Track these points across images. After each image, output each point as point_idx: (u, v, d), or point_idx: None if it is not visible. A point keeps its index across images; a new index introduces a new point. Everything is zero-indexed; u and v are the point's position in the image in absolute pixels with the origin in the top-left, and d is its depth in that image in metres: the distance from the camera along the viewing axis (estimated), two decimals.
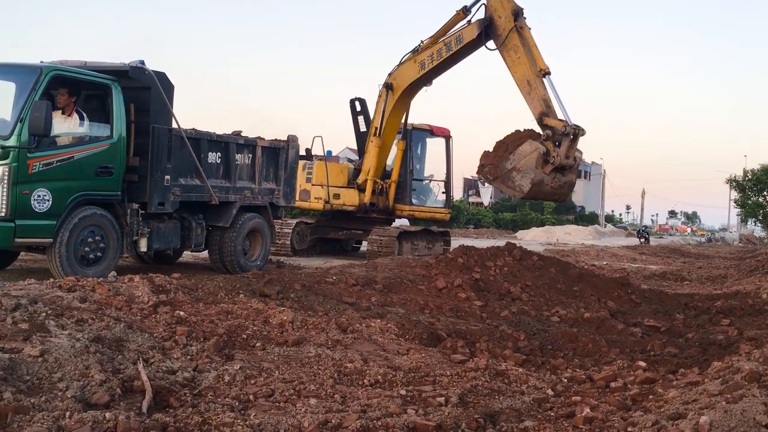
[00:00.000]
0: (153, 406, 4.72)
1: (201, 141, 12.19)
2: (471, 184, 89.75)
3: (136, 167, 11.04)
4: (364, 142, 19.53)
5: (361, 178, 19.50)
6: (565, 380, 6.40)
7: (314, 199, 18.96)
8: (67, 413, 4.26)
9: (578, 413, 4.93)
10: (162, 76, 11.33)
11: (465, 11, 16.35)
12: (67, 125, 10.41)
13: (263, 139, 13.76)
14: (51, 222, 9.80)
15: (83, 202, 10.27)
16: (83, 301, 6.66)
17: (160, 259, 13.78)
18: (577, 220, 78.96)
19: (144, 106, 11.08)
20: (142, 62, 11.19)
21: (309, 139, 20.58)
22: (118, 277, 8.18)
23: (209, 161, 12.42)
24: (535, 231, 55.28)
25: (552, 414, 5.18)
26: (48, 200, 9.72)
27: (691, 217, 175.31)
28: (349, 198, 19.42)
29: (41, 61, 10.62)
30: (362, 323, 7.76)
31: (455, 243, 18.90)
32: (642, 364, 6.94)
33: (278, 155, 14.10)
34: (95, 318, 6.19)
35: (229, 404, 4.84)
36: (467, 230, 53.11)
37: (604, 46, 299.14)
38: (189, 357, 5.85)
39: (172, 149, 11.42)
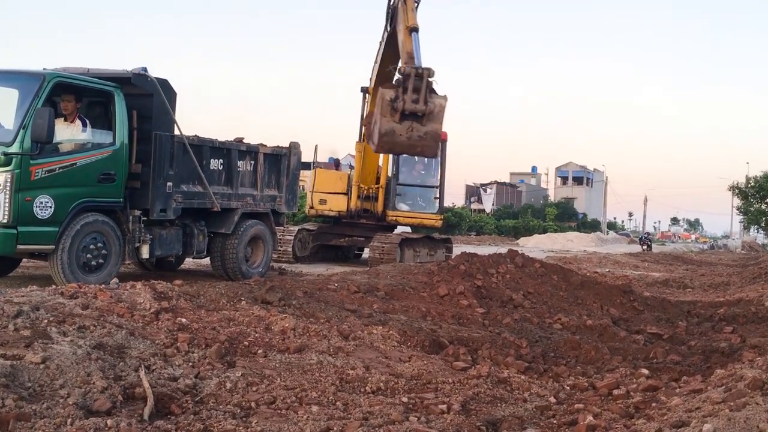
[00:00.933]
0: (154, 413, 4.72)
1: (203, 148, 12.20)
2: (473, 191, 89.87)
3: (139, 174, 11.05)
4: None
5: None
6: (568, 388, 6.39)
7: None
8: (69, 420, 4.26)
9: (581, 421, 4.91)
10: (164, 83, 11.34)
11: None
12: (69, 132, 10.43)
13: (265, 145, 13.77)
14: (53, 229, 9.80)
15: (85, 209, 10.26)
16: (85, 308, 6.65)
17: (162, 266, 13.78)
18: (579, 227, 78.94)
19: (146, 113, 11.09)
20: (145, 69, 11.20)
21: (318, 147, 20.60)
22: (120, 284, 8.17)
23: (211, 168, 12.43)
24: (537, 238, 55.24)
25: (554, 422, 5.17)
26: (50, 207, 9.72)
27: (694, 224, 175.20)
28: (336, 204, 19.63)
29: (44, 68, 10.64)
30: (364, 330, 7.75)
31: (457, 250, 18.89)
32: (645, 371, 6.93)
33: (280, 162, 14.10)
34: (97, 325, 6.18)
35: (231, 411, 4.83)
36: (469, 237, 53.12)
37: (605, 52, 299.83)
38: (191, 364, 5.84)
39: (175, 156, 11.43)
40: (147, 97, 11.09)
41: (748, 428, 3.92)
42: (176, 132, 11.52)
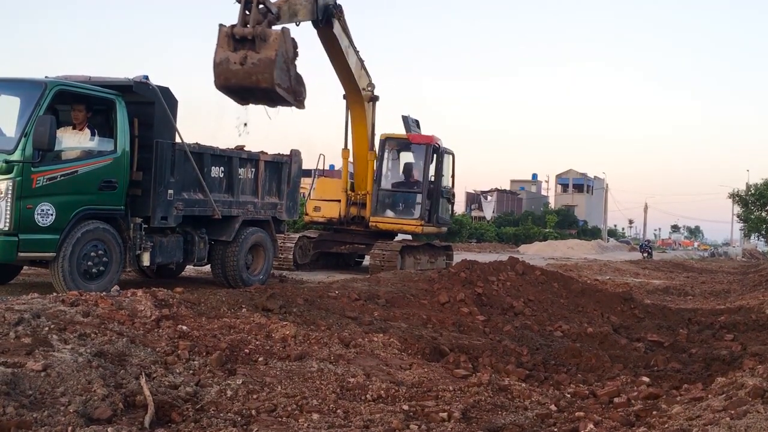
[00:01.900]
0: (155, 420, 4.72)
1: (204, 155, 12.21)
2: (473, 198, 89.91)
3: (140, 181, 11.06)
4: None
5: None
6: (569, 396, 6.39)
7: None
8: (70, 428, 4.26)
9: (581, 429, 4.92)
10: (166, 91, 11.36)
11: None
12: (77, 140, 10.47)
13: (266, 153, 13.79)
14: (54, 236, 9.82)
15: (86, 217, 10.27)
16: (86, 316, 6.66)
17: (162, 274, 13.78)
18: (580, 235, 78.94)
19: (148, 121, 11.11)
20: (146, 77, 11.22)
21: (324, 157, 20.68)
22: (121, 292, 8.18)
23: (212, 176, 12.44)
24: (538, 245, 55.21)
25: (555, 430, 5.18)
26: (51, 214, 9.74)
27: (694, 232, 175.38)
28: (329, 211, 19.71)
29: (46, 76, 10.66)
30: (365, 338, 7.74)
31: (458, 257, 18.87)
32: (645, 379, 6.94)
33: (281, 170, 14.12)
34: (98, 332, 6.19)
35: (232, 419, 4.83)
36: (469, 244, 53.07)
37: (606, 59, 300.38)
38: (191, 372, 5.84)
39: (176, 164, 11.44)
40: (148, 105, 11.10)
41: None
42: (177, 140, 11.53)
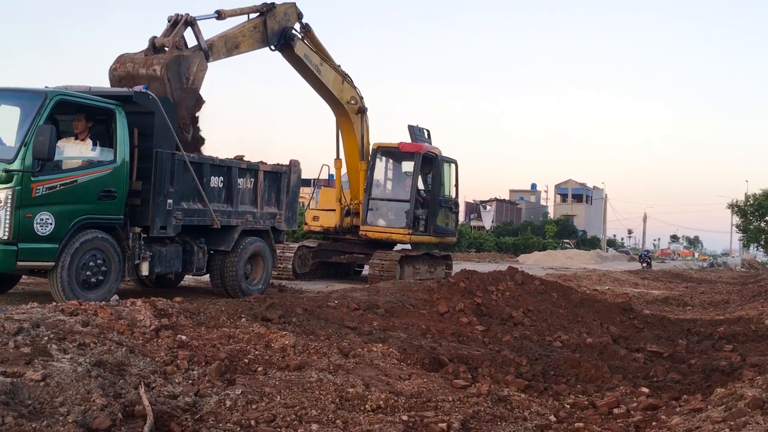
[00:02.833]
0: (154, 431, 4.70)
1: (203, 165, 12.23)
2: (472, 208, 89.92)
3: (139, 191, 11.07)
4: None
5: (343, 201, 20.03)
6: (568, 406, 6.38)
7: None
8: None
9: None
10: (166, 102, 11.39)
11: None
12: (77, 150, 10.49)
13: (265, 163, 13.81)
14: (53, 245, 9.82)
15: (85, 226, 10.27)
16: (85, 325, 6.65)
17: (161, 283, 13.78)
18: (579, 245, 78.93)
19: (147, 131, 11.13)
20: (146, 87, 11.26)
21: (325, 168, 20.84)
22: (120, 301, 8.18)
23: (212, 185, 12.46)
24: (537, 255, 55.22)
25: None
26: (51, 224, 9.74)
27: (693, 242, 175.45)
28: (327, 220, 19.85)
29: (46, 86, 10.68)
30: (364, 348, 7.74)
31: (457, 267, 18.87)
32: (645, 390, 6.93)
33: (280, 180, 14.14)
34: (97, 342, 6.18)
35: (231, 429, 4.82)
36: (469, 254, 53.08)
37: (605, 69, 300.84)
38: (190, 381, 5.83)
39: (175, 173, 11.45)
40: (148, 115, 11.12)
41: None
42: (177, 150, 11.55)
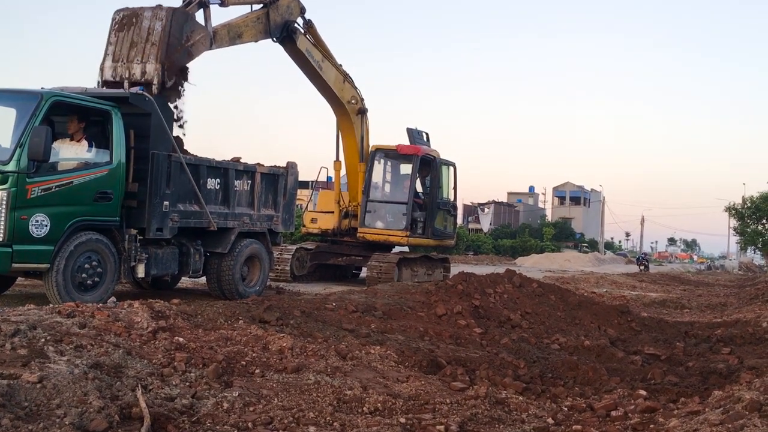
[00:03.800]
0: None
1: (200, 167, 12.20)
2: (470, 211, 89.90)
3: (135, 193, 11.03)
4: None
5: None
6: (566, 409, 6.37)
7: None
8: None
9: None
10: (162, 103, 11.36)
11: None
12: (73, 151, 10.45)
13: (262, 165, 13.78)
14: (48, 247, 9.78)
15: (81, 228, 10.23)
16: (82, 327, 6.64)
17: (157, 285, 13.73)
18: (577, 247, 78.97)
19: (144, 132, 11.10)
20: (143, 89, 11.23)
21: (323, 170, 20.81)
22: (118, 303, 8.16)
23: (208, 187, 12.42)
24: (535, 258, 55.29)
25: None
26: (46, 225, 9.70)
27: (691, 245, 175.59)
28: (325, 223, 19.88)
29: (42, 87, 10.66)
30: (362, 350, 7.73)
31: (455, 270, 18.89)
32: (643, 392, 6.92)
33: (277, 182, 14.12)
34: (94, 344, 6.17)
35: None
36: (467, 257, 53.10)
37: (602, 72, 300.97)
38: (188, 384, 5.82)
39: (172, 175, 11.42)
40: (144, 117, 11.10)
41: None
42: (173, 151, 11.52)
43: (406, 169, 20.34)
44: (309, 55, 16.31)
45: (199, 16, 12.70)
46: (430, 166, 19.78)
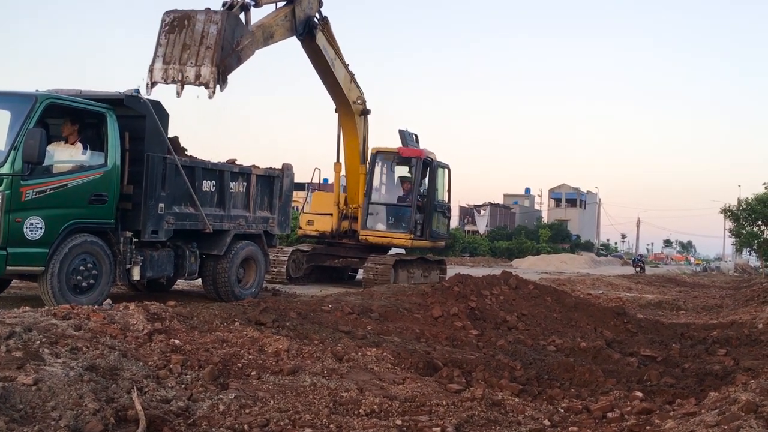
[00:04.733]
0: None
1: (196, 169, 12.19)
2: (466, 212, 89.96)
3: (130, 195, 11.02)
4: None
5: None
6: (562, 410, 6.36)
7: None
8: None
9: None
10: (157, 105, 11.34)
11: None
12: (68, 153, 10.43)
13: (258, 167, 13.77)
14: (43, 250, 9.75)
15: (76, 230, 10.21)
16: (78, 329, 6.62)
17: (153, 288, 13.70)
18: (573, 249, 79.01)
19: (139, 135, 11.08)
20: (137, 91, 11.22)
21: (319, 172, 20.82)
22: (113, 305, 8.14)
23: (204, 189, 12.40)
24: (531, 259, 55.27)
25: None
26: (41, 228, 9.68)
27: (686, 247, 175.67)
28: (322, 225, 19.86)
29: (36, 90, 10.63)
30: (358, 352, 7.72)
31: (451, 271, 18.88)
32: (639, 394, 6.91)
33: (273, 184, 14.11)
34: (90, 346, 6.15)
35: None
36: (463, 258, 53.07)
37: (600, 74, 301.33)
38: (183, 386, 5.80)
39: (167, 177, 11.40)
40: (139, 119, 11.08)
41: None
42: (168, 153, 11.50)
43: (401, 171, 20.36)
44: (325, 51, 16.27)
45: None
46: (428, 169, 19.82)
